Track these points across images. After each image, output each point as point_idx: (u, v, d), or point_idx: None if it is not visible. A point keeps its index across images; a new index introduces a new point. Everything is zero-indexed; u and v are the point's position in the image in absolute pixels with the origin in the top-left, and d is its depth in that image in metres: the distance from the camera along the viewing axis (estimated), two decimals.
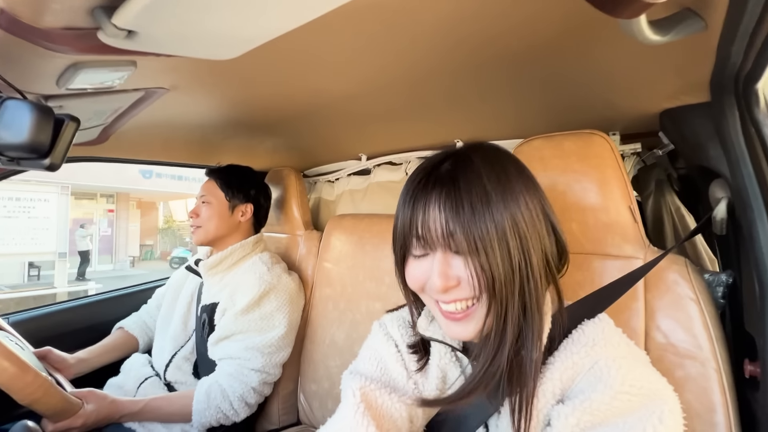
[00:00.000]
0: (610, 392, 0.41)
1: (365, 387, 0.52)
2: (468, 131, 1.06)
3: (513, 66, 0.66)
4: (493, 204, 0.44)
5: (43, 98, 0.68)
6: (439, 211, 0.46)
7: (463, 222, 0.44)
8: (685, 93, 0.63)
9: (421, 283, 0.49)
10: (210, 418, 0.93)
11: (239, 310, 1.01)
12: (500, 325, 0.45)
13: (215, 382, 0.96)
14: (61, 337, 1.23)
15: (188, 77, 0.72)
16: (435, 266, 0.46)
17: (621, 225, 0.68)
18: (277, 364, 1.02)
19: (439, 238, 0.46)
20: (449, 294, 0.46)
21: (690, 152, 0.70)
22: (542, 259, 0.46)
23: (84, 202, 11.73)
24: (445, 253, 0.46)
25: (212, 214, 1.12)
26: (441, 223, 0.45)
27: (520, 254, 0.44)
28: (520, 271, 0.44)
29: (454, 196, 0.45)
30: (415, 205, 0.48)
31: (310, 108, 0.93)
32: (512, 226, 0.44)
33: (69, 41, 0.45)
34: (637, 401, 0.41)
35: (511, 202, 0.45)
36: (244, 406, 0.96)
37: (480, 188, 0.45)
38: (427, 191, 0.47)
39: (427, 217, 0.46)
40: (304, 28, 0.49)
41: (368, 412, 0.49)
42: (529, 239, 0.45)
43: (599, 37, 0.55)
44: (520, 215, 0.45)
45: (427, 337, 0.56)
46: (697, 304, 0.60)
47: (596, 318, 0.50)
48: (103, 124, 0.92)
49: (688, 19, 0.41)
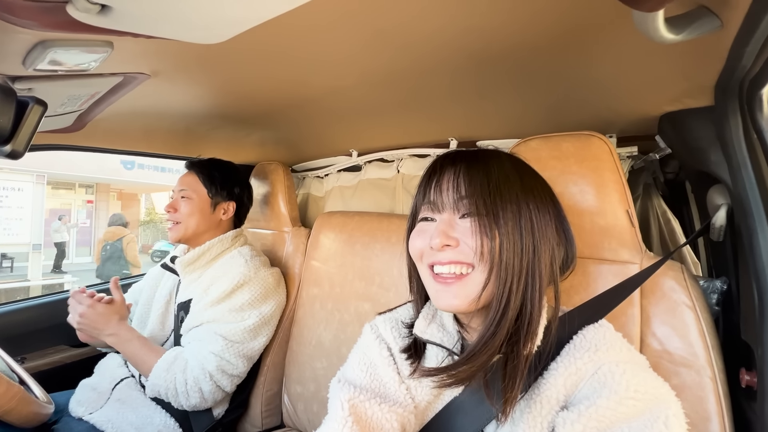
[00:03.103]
0: (616, 398, 0.40)
1: (354, 399, 0.51)
2: (463, 129, 1.04)
3: (515, 63, 0.64)
4: (512, 186, 0.47)
5: (10, 80, 0.62)
6: (455, 176, 0.49)
7: (478, 189, 0.47)
8: (689, 96, 0.62)
9: (420, 247, 0.51)
10: (161, 384, 0.91)
11: (210, 300, 0.99)
12: (501, 301, 0.45)
13: (182, 354, 0.95)
14: (33, 335, 1.17)
15: (171, 63, 0.67)
16: (438, 225, 0.48)
17: (618, 229, 0.67)
18: (240, 354, 0.97)
19: (448, 199, 0.48)
20: (445, 253, 0.47)
21: (689, 157, 0.69)
22: (549, 256, 0.47)
23: (61, 192, 11.32)
24: (452, 215, 0.49)
25: (193, 210, 1.06)
26: (454, 187, 0.48)
27: (530, 239, 0.46)
28: (527, 255, 0.46)
29: (474, 168, 0.48)
30: (431, 176, 0.51)
31: (300, 101, 0.89)
32: (526, 211, 0.47)
33: (34, 15, 0.41)
34: (642, 406, 0.40)
35: (528, 194, 0.48)
36: (196, 391, 0.91)
37: (501, 172, 0.48)
38: (446, 165, 0.51)
39: (440, 182, 0.50)
40: (295, 17, 0.45)
41: (356, 425, 0.47)
42: (539, 231, 0.47)
43: (605, 37, 0.53)
44: (534, 207, 0.47)
45: (424, 339, 0.54)
46: (693, 312, 0.60)
47: (597, 323, 0.49)
48: (79, 110, 0.86)
49: (704, 18, 0.39)
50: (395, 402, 0.52)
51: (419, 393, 0.53)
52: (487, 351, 0.46)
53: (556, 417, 0.43)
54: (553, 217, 0.49)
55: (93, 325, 0.96)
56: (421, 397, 0.53)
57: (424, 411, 0.53)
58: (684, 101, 0.64)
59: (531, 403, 0.45)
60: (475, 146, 1.06)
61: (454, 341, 0.53)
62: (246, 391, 1.08)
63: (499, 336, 0.46)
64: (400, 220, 1.05)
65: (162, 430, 0.92)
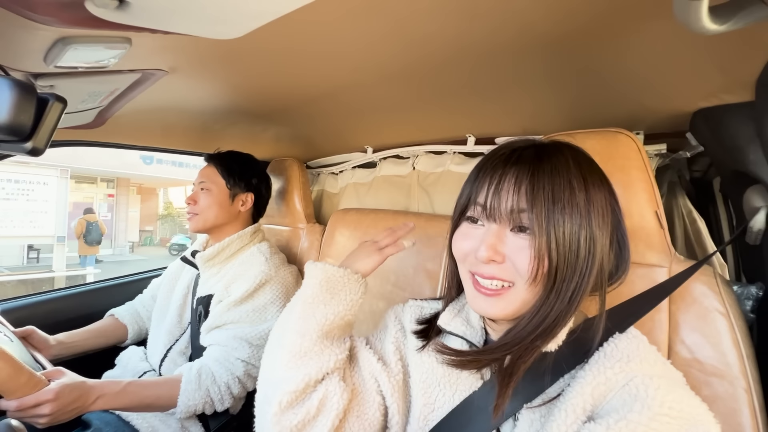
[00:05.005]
0: (648, 413, 0.38)
1: (356, 341, 0.58)
2: (481, 126, 1.01)
3: (539, 56, 0.62)
4: (576, 198, 0.44)
5: (32, 77, 0.63)
6: (515, 185, 0.45)
7: (541, 203, 0.43)
8: (726, 91, 0.59)
9: (465, 251, 0.49)
10: (198, 402, 0.89)
11: (233, 301, 0.98)
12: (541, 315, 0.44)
13: (205, 365, 0.92)
14: (54, 326, 1.20)
15: (187, 59, 0.67)
16: (487, 236, 0.46)
17: (645, 231, 0.64)
18: None
19: (506, 211, 0.45)
20: (489, 267, 0.46)
21: (725, 155, 0.65)
22: (598, 269, 0.45)
23: (84, 186, 11.68)
24: (504, 228, 0.46)
25: (212, 202, 1.07)
26: (513, 198, 0.44)
27: (585, 257, 0.44)
28: (578, 275, 0.44)
29: (538, 176, 0.44)
30: (490, 175, 0.47)
31: (315, 96, 0.88)
32: (586, 228, 0.44)
33: (54, 11, 0.41)
34: (677, 425, 0.37)
35: (592, 207, 0.44)
36: (228, 394, 0.92)
37: (565, 179, 0.44)
38: (506, 165, 0.46)
39: (500, 188, 0.45)
40: (312, 12, 0.44)
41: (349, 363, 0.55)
42: (595, 248, 0.44)
43: (635, 28, 0.50)
44: (595, 222, 0.44)
45: (447, 330, 0.55)
46: (726, 319, 0.56)
47: (630, 333, 0.47)
48: (99, 106, 0.87)
49: (753, 6, 0.36)
50: (386, 363, 0.56)
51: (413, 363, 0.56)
52: (507, 348, 0.46)
53: (582, 428, 0.41)
54: (612, 230, 0.47)
55: (73, 405, 0.74)
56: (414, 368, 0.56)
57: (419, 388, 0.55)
58: (721, 96, 0.61)
59: (555, 410, 0.44)
60: (493, 143, 1.03)
61: (477, 335, 0.54)
62: None
63: (525, 340, 0.45)
64: (415, 218, 1.04)
65: (183, 422, 0.93)
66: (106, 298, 1.35)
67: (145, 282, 1.32)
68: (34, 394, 0.69)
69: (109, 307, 1.22)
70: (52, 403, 0.70)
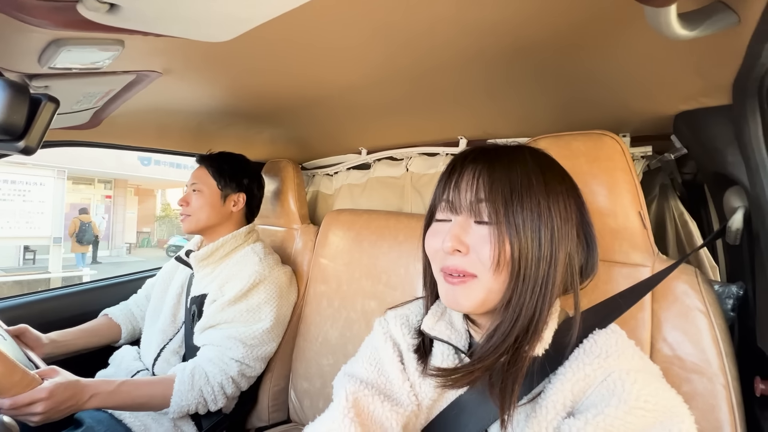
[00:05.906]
0: (625, 407, 0.39)
1: (358, 392, 0.51)
2: (473, 128, 1.03)
3: (526, 60, 0.63)
4: (534, 189, 0.45)
5: (27, 78, 0.64)
6: (474, 178, 0.47)
7: (498, 191, 0.45)
8: (705, 95, 0.60)
9: (435, 248, 0.50)
10: (191, 402, 0.90)
11: (227, 300, 0.99)
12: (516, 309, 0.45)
13: (198, 365, 0.93)
14: (48, 326, 1.20)
15: (181, 61, 0.68)
16: (452, 227, 0.47)
17: (629, 231, 0.65)
18: (258, 357, 0.99)
19: (466, 203, 0.47)
20: (454, 258, 0.47)
21: (705, 157, 0.67)
22: (565, 264, 0.46)
23: (81, 187, 11.65)
24: (468, 219, 0.47)
25: (203, 203, 1.08)
26: (472, 189, 0.47)
27: (548, 247, 0.45)
28: (544, 263, 0.45)
29: (494, 168, 0.46)
30: (451, 173, 0.50)
31: (310, 98, 0.90)
32: (547, 218, 0.45)
33: (47, 14, 0.42)
34: (652, 418, 0.39)
35: (552, 198, 0.46)
36: (222, 395, 0.93)
37: (523, 173, 0.46)
38: (465, 162, 0.49)
39: (459, 182, 0.48)
40: (304, 14, 0.45)
41: (357, 419, 0.48)
42: (559, 239, 0.45)
43: (618, 32, 0.52)
44: (556, 213, 0.46)
45: (432, 336, 0.54)
46: (706, 317, 0.58)
47: (608, 329, 0.48)
48: (94, 107, 0.88)
49: (720, 13, 0.37)
50: (398, 402, 0.52)
51: (423, 390, 0.53)
52: (495, 353, 0.46)
53: (562, 424, 0.42)
54: (576, 223, 0.48)
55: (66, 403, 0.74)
56: (425, 395, 0.53)
57: (429, 409, 0.53)
58: (700, 100, 0.62)
59: (537, 407, 0.45)
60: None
61: (462, 339, 0.54)
62: (254, 386, 1.09)
63: (508, 341, 0.46)
64: (408, 219, 1.05)
65: (176, 421, 0.93)
66: (101, 297, 1.35)
67: (140, 282, 1.33)
68: (27, 393, 0.70)
69: (104, 307, 1.23)
70: (46, 402, 0.70)
